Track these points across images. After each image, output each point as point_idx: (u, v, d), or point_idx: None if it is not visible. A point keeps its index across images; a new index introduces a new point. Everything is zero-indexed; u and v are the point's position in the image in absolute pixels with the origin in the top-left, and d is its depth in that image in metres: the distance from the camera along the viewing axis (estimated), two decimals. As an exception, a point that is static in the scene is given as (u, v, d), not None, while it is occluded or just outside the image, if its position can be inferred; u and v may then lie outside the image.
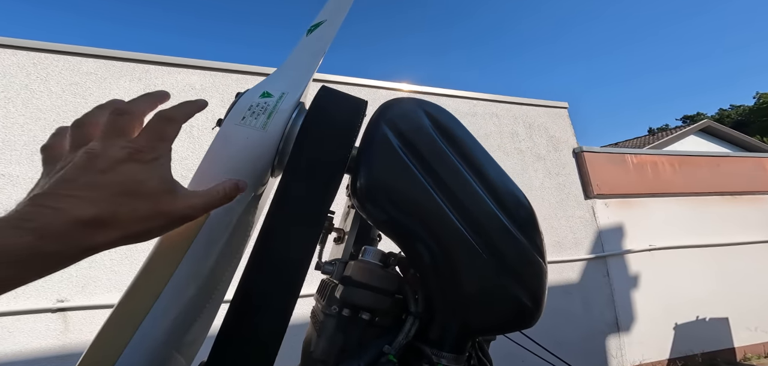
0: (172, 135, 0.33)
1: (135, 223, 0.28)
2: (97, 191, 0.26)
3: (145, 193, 0.28)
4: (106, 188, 0.26)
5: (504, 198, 0.48)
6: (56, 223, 0.24)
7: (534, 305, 0.44)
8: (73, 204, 0.25)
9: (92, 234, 0.25)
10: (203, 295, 0.55)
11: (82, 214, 0.25)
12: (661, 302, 3.99)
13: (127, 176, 0.27)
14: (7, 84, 2.19)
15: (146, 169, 0.29)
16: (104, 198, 0.26)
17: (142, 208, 0.28)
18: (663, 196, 4.37)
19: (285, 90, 0.54)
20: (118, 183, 0.27)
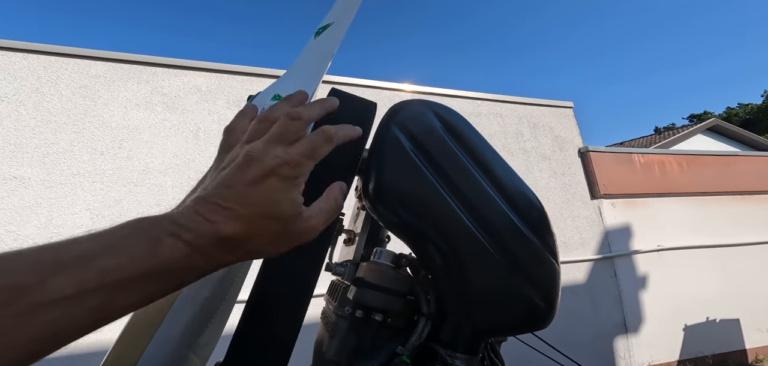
0: (323, 155, 0.31)
1: (265, 244, 0.27)
2: (242, 208, 0.25)
3: (280, 217, 0.27)
4: (249, 205, 0.25)
5: (515, 198, 0.48)
6: (205, 235, 0.23)
7: (547, 306, 0.44)
8: (221, 216, 0.24)
9: (227, 252, 0.25)
10: (217, 296, 0.56)
11: (224, 230, 0.24)
12: (669, 303, 3.94)
13: (269, 194, 0.26)
14: (18, 87, 2.23)
15: (286, 188, 0.27)
16: (245, 217, 0.25)
17: (274, 230, 0.27)
18: (671, 196, 4.32)
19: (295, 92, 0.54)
20: (260, 202, 0.25)
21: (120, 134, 2.42)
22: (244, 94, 3.01)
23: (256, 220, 0.25)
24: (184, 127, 2.66)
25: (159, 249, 0.21)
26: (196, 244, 0.23)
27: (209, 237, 0.23)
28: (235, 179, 0.26)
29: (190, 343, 0.49)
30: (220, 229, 0.24)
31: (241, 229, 0.25)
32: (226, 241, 0.24)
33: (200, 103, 2.81)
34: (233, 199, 0.25)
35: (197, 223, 0.23)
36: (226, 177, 0.26)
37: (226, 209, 0.24)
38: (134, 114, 2.52)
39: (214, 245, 0.24)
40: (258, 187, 0.25)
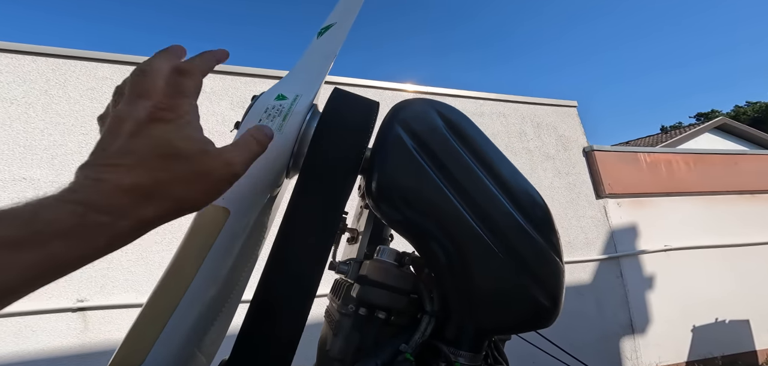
0: (192, 90, 0.30)
1: (178, 186, 0.26)
2: (131, 157, 0.25)
3: (179, 155, 0.26)
4: (138, 152, 0.25)
5: (519, 197, 0.48)
6: (100, 192, 0.23)
7: (552, 305, 0.44)
8: (112, 172, 0.24)
9: (139, 204, 0.24)
10: (223, 295, 0.57)
11: (121, 182, 0.23)
12: (677, 304, 3.89)
13: (156, 138, 0.26)
14: (27, 90, 2.27)
15: (172, 128, 0.27)
16: (139, 163, 0.25)
17: (181, 169, 0.26)
18: (678, 195, 4.27)
19: (299, 92, 0.55)
20: (149, 146, 0.25)
21: (126, 136, 2.45)
22: (248, 95, 3.03)
23: (151, 162, 0.25)
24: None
25: (46, 214, 0.21)
26: (93, 201, 0.22)
27: (106, 192, 0.23)
28: (109, 140, 0.25)
29: (197, 341, 0.50)
30: (114, 181, 0.23)
31: (140, 178, 0.24)
32: (129, 191, 0.24)
33: (204, 105, 2.83)
34: (116, 154, 0.25)
35: (82, 184, 0.23)
36: (102, 141, 0.26)
37: (110, 166, 0.24)
38: (140, 116, 2.55)
39: (116, 198, 0.23)
40: (141, 136, 0.25)
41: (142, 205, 0.24)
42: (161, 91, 0.28)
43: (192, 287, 0.45)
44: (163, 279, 0.45)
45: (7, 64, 2.27)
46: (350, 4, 0.70)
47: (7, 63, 2.27)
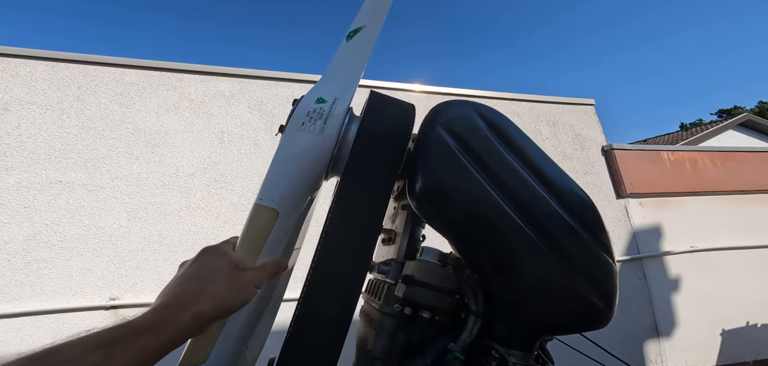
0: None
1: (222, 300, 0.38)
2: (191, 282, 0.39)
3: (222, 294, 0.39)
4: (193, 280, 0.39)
5: (566, 197, 0.48)
6: (167, 303, 0.36)
7: (606, 306, 0.44)
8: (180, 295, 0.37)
9: (197, 305, 0.36)
10: (268, 294, 0.59)
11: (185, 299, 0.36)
12: (705, 306, 3.75)
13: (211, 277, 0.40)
14: (61, 96, 2.38)
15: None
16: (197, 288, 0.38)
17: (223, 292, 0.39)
18: (704, 194, 4.11)
19: (337, 95, 0.56)
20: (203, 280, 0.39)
21: (153, 139, 2.54)
22: (264, 97, 3.08)
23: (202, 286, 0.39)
24: (210, 131, 2.75)
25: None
26: (164, 303, 0.36)
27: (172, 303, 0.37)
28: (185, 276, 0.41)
29: (245, 339, 0.52)
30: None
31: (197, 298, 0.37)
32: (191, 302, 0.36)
33: (224, 108, 2.90)
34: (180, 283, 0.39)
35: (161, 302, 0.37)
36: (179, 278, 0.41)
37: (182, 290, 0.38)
38: (165, 119, 2.64)
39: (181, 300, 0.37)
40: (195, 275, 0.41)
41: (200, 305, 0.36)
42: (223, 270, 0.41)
43: None
44: None
45: (43, 71, 2.39)
46: (378, 7, 0.71)
47: (43, 70, 2.38)
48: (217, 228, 2.49)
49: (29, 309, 1.98)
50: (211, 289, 0.37)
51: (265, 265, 0.44)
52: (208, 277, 0.38)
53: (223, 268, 0.39)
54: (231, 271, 0.39)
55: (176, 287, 0.37)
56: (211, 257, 0.41)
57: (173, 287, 0.37)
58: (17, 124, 2.25)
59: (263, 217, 0.49)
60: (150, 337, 0.32)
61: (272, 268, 0.44)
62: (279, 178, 0.51)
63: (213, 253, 0.41)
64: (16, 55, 2.36)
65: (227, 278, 0.38)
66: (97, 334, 0.31)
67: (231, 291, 0.38)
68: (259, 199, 0.50)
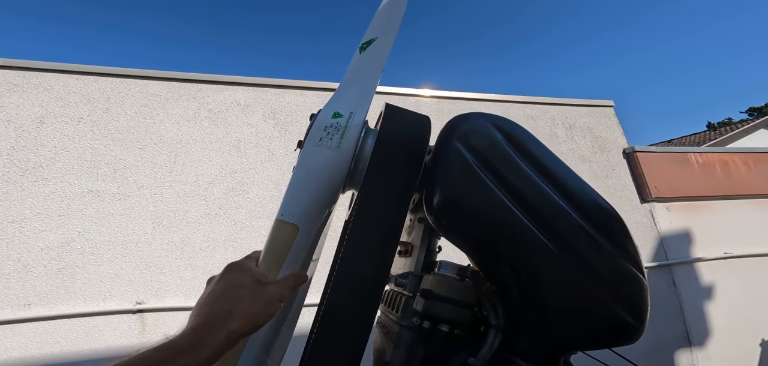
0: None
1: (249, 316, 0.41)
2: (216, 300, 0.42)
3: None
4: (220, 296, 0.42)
5: (590, 210, 0.47)
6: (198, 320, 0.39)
7: (636, 320, 0.42)
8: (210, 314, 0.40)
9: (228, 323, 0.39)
10: (288, 306, 0.60)
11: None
12: (742, 315, 3.54)
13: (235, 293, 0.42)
14: (92, 109, 2.51)
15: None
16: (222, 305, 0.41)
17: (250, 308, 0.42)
18: (738, 198, 3.89)
19: (352, 109, 0.56)
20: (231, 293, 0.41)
21: (174, 149, 2.63)
22: (278, 106, 3.14)
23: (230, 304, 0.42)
24: (227, 140, 2.83)
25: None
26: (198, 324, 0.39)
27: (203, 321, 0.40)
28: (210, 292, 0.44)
29: (267, 348, 0.53)
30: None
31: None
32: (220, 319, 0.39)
33: (240, 117, 2.98)
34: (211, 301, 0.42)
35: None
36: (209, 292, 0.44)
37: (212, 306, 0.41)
38: (185, 129, 2.73)
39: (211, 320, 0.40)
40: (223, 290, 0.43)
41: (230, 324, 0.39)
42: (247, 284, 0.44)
43: None
44: None
45: (75, 84, 2.53)
46: (390, 18, 0.71)
47: (75, 84, 2.52)
48: (234, 234, 2.55)
49: (63, 312, 2.09)
50: (239, 308, 0.39)
51: (287, 279, 0.45)
52: (236, 295, 0.40)
53: (248, 285, 0.41)
54: (256, 288, 0.41)
55: (207, 307, 0.40)
56: (236, 274, 0.43)
57: (204, 306, 0.40)
58: (52, 136, 2.39)
59: (284, 232, 0.50)
60: (189, 357, 0.35)
61: (293, 281, 0.45)
62: (299, 193, 0.52)
63: (237, 270, 0.43)
64: (51, 69, 2.51)
65: (253, 295, 0.41)
66: (145, 355, 0.35)
67: (257, 307, 0.40)
68: (279, 214, 0.51)
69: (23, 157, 2.30)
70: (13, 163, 2.28)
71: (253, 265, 0.46)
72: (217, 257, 2.45)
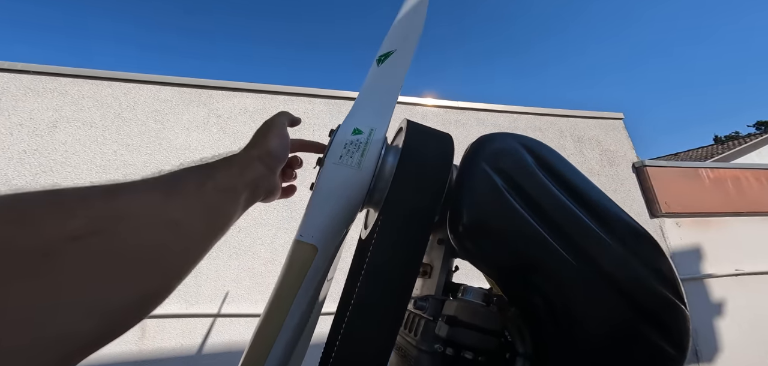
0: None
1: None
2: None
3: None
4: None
5: (625, 235, 0.45)
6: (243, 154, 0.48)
7: (677, 351, 0.40)
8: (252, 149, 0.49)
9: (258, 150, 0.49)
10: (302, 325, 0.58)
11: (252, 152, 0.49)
12: (754, 333, 3.46)
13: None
14: (104, 114, 2.54)
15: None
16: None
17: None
18: (750, 215, 3.83)
19: (373, 125, 0.56)
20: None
21: (183, 155, 2.65)
22: (287, 112, 3.16)
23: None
24: (235, 146, 2.83)
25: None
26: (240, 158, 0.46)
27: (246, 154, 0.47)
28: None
29: (288, 356, 0.51)
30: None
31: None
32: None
33: (248, 123, 3.00)
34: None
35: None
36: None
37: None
38: (194, 135, 2.75)
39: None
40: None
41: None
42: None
43: (287, 319, 0.47)
44: (266, 310, 0.48)
45: (88, 90, 2.56)
46: (409, 30, 0.70)
47: (88, 89, 2.56)
48: (238, 242, 2.54)
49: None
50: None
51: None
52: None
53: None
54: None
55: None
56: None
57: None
58: (64, 141, 2.41)
59: (303, 253, 0.49)
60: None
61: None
62: (318, 214, 0.51)
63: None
64: (66, 74, 2.55)
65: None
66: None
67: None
68: (299, 235, 0.50)
69: (34, 160, 2.33)
70: (24, 167, 2.30)
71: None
72: (220, 265, 2.44)
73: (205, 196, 0.35)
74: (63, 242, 0.20)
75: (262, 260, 2.54)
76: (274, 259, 2.57)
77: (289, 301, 0.48)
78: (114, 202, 0.25)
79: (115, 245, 0.23)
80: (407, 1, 0.78)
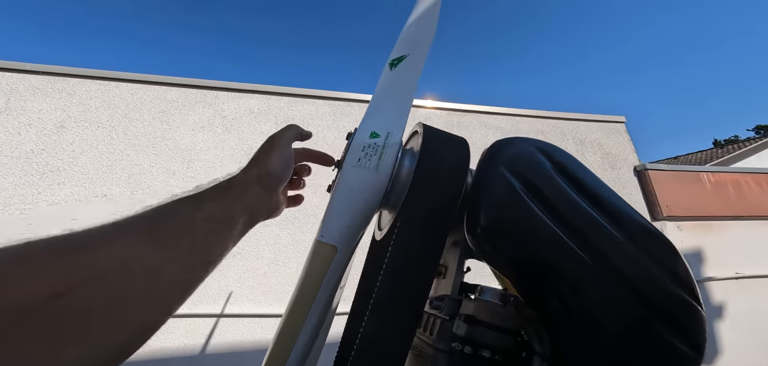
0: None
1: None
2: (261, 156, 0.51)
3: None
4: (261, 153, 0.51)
5: (642, 238, 0.46)
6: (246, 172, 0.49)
7: (694, 351, 0.42)
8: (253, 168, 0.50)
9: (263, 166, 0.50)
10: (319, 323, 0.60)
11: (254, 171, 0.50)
12: (755, 336, 3.47)
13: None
14: (111, 114, 2.56)
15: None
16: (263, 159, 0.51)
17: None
18: (751, 219, 3.84)
19: (389, 129, 0.57)
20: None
21: (188, 155, 2.66)
22: (289, 114, 3.18)
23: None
24: (240, 147, 2.86)
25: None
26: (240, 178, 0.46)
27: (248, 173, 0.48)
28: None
29: (305, 356, 0.53)
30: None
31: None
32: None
33: (253, 125, 3.01)
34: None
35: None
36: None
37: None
38: (200, 136, 2.77)
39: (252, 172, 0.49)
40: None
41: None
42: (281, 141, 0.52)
43: (307, 320, 0.48)
44: (288, 310, 0.50)
45: (96, 90, 2.58)
46: (422, 34, 0.71)
47: (97, 89, 2.58)
48: (242, 242, 2.54)
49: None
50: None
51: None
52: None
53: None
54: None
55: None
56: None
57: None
58: (71, 141, 2.43)
59: (324, 253, 0.50)
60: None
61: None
62: (338, 215, 0.52)
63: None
64: (74, 74, 2.57)
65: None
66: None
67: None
68: (319, 236, 0.51)
69: (42, 160, 2.34)
70: (31, 166, 2.31)
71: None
72: (224, 265, 2.44)
73: (194, 229, 0.33)
74: (42, 301, 0.20)
75: (265, 261, 2.55)
76: (277, 259, 2.58)
77: (311, 300, 0.49)
78: (89, 253, 0.24)
79: (96, 298, 0.22)
80: (418, 6, 0.79)
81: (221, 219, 0.37)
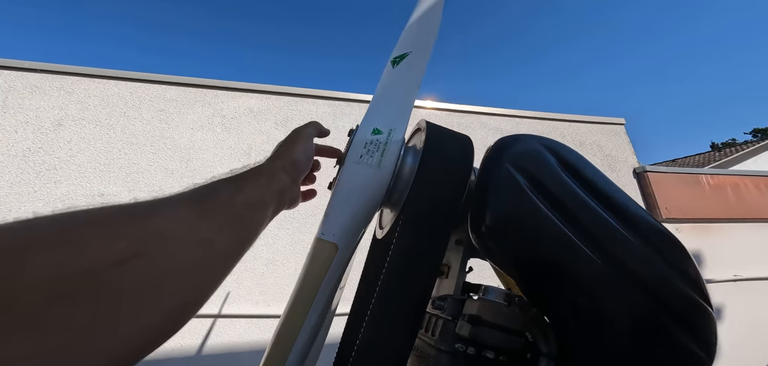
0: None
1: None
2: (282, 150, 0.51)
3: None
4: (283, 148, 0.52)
5: (651, 237, 0.45)
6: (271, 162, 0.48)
7: (708, 355, 0.41)
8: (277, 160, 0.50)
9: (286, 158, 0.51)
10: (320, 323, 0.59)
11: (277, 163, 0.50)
12: (753, 338, 3.48)
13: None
14: (110, 112, 2.54)
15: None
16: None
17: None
18: (750, 221, 3.85)
19: (392, 126, 0.56)
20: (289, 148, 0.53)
21: (187, 154, 2.65)
22: (289, 114, 3.17)
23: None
24: (239, 147, 2.85)
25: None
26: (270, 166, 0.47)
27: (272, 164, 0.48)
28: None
29: (304, 356, 0.52)
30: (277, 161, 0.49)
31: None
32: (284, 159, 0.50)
33: (252, 124, 3.00)
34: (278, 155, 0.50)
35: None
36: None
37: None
38: (199, 135, 2.75)
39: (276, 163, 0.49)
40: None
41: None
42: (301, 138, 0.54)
43: (307, 318, 0.47)
44: (288, 308, 0.48)
45: (95, 88, 2.56)
46: (425, 31, 0.70)
47: (96, 88, 2.56)
48: (244, 241, 2.53)
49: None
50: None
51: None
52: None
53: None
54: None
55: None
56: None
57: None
58: (69, 139, 2.41)
59: (325, 250, 0.49)
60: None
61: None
62: (339, 212, 0.51)
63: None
64: (73, 73, 2.55)
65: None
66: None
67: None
68: (320, 233, 0.50)
69: (39, 158, 2.32)
70: (28, 165, 2.29)
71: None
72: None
73: (235, 209, 0.35)
74: (107, 267, 0.20)
75: (263, 261, 2.54)
76: (275, 259, 2.57)
77: (311, 299, 0.48)
78: (156, 219, 0.25)
79: (154, 268, 0.23)
80: (421, 3, 0.78)
81: (257, 202, 0.39)
